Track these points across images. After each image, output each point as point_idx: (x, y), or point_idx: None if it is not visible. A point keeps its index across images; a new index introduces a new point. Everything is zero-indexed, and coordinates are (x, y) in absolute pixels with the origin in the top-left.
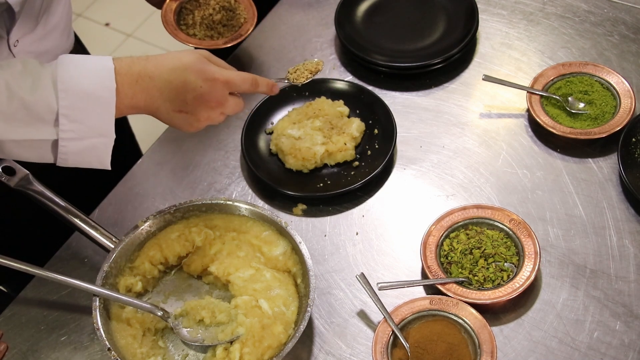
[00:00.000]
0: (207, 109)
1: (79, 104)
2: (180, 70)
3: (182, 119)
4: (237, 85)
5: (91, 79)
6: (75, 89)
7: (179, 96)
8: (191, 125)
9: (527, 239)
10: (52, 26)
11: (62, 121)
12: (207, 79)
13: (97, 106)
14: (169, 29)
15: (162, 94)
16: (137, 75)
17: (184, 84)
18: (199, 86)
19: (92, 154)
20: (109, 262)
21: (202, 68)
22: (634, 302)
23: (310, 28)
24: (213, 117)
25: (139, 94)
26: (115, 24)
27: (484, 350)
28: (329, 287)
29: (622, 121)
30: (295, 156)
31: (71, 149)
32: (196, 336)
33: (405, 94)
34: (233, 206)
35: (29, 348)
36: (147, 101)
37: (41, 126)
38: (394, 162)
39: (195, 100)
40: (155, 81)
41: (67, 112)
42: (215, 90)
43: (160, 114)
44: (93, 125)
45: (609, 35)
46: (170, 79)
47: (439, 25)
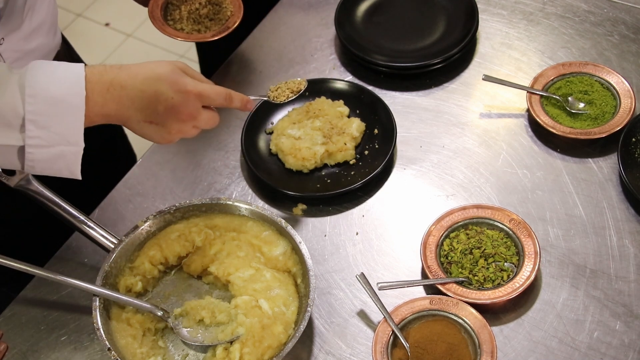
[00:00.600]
0: (179, 121)
1: (46, 109)
2: (153, 80)
3: (152, 130)
4: (211, 98)
5: (61, 85)
6: (43, 94)
7: (150, 106)
8: (162, 137)
9: (527, 239)
10: (38, 24)
11: (29, 127)
12: (180, 91)
13: (66, 113)
14: (157, 24)
15: (134, 104)
16: (109, 83)
17: (155, 94)
18: (170, 97)
19: (61, 162)
20: (109, 262)
21: (176, 79)
22: (634, 302)
23: (310, 28)
24: (185, 130)
25: (109, 103)
26: (115, 24)
27: (484, 350)
28: (329, 287)
29: (622, 121)
30: (295, 156)
31: (38, 156)
32: (196, 336)
33: (405, 94)
34: (233, 206)
35: (29, 348)
36: (118, 110)
37: (7, 131)
38: (394, 162)
39: (167, 111)
40: (126, 90)
41: (34, 118)
42: (187, 103)
43: (131, 123)
44: (61, 132)
45: (609, 35)
46: (142, 89)
47: (439, 25)
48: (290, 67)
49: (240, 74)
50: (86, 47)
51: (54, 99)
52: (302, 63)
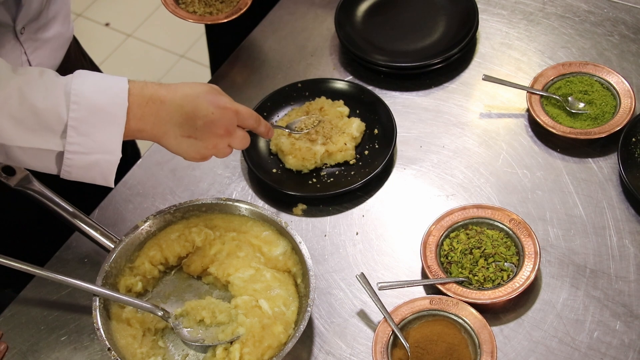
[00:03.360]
0: (216, 136)
1: (89, 117)
2: (192, 97)
3: (189, 145)
4: (245, 118)
5: (104, 95)
6: (87, 102)
7: (188, 121)
8: (197, 153)
9: (527, 239)
10: (54, 13)
11: (70, 133)
12: (219, 107)
13: (107, 122)
14: (169, 8)
15: (172, 118)
16: (149, 97)
17: (195, 110)
18: (210, 112)
19: (97, 170)
20: (109, 262)
21: (215, 97)
22: (634, 302)
23: (310, 28)
24: (220, 146)
25: (147, 116)
26: (115, 24)
27: (484, 350)
28: (329, 287)
29: (622, 121)
30: (295, 156)
31: (76, 162)
32: (196, 336)
33: (405, 94)
34: (233, 206)
35: (29, 348)
36: (155, 124)
37: (49, 136)
38: (394, 162)
39: (205, 126)
40: (166, 105)
41: (76, 125)
42: (226, 119)
43: (167, 138)
44: (101, 141)
45: (609, 35)
46: (182, 104)
47: (439, 25)
48: (290, 67)
49: (241, 74)
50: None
51: (97, 108)
52: (302, 63)
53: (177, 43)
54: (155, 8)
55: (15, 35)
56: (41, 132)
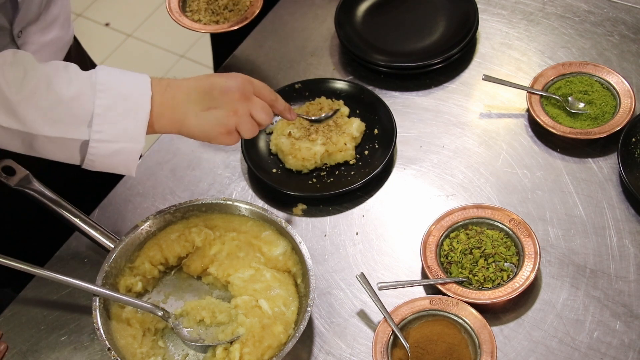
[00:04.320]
0: (234, 100)
1: (115, 106)
2: (206, 77)
3: (211, 116)
4: (260, 87)
5: (129, 84)
6: (113, 91)
7: (206, 95)
8: (221, 124)
9: (527, 239)
10: (53, 17)
11: (97, 121)
12: (231, 77)
13: (132, 110)
14: (173, 16)
15: (190, 98)
16: (166, 84)
17: (209, 84)
18: (224, 81)
19: (120, 159)
20: (109, 262)
21: (226, 73)
22: (634, 302)
23: (310, 28)
24: (241, 112)
25: (166, 102)
26: (115, 24)
27: (484, 350)
28: (329, 287)
29: (622, 121)
30: (295, 156)
31: (100, 150)
32: (196, 336)
33: (405, 94)
34: (233, 206)
35: (29, 348)
36: (174, 108)
37: (76, 124)
38: (394, 162)
39: (222, 93)
40: (182, 88)
41: (102, 112)
42: (240, 84)
43: (188, 118)
44: (126, 129)
45: (609, 35)
46: (197, 84)
47: (439, 25)
48: (290, 67)
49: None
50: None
51: (123, 96)
52: (302, 63)
53: (177, 43)
54: (155, 8)
55: (13, 38)
56: (68, 121)
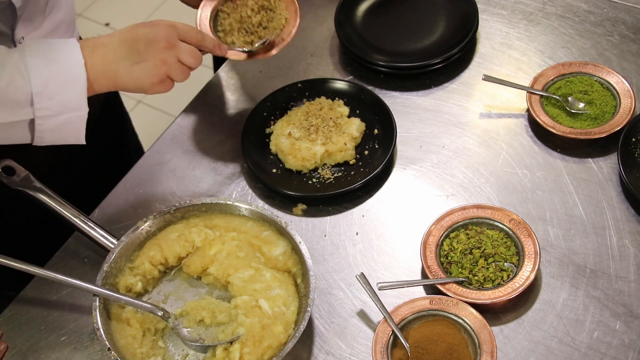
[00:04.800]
0: (160, 50)
1: (51, 81)
2: (129, 29)
3: (141, 70)
4: (185, 31)
5: (60, 59)
6: (46, 67)
7: (132, 49)
8: (152, 75)
9: (527, 239)
10: (58, 23)
11: (37, 99)
12: (153, 25)
13: (69, 80)
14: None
15: (116, 54)
16: (92, 46)
17: (133, 37)
18: (147, 32)
19: (68, 129)
20: (109, 262)
21: (150, 22)
22: (634, 302)
23: (310, 28)
24: (170, 61)
25: (96, 64)
26: (115, 24)
27: (484, 350)
28: (329, 287)
29: (622, 121)
30: (295, 156)
31: (47, 126)
32: (196, 336)
33: (405, 94)
34: (233, 206)
35: (29, 348)
36: (105, 68)
37: (17, 108)
38: (394, 162)
39: (147, 45)
40: (108, 47)
41: (40, 91)
42: (162, 32)
43: (120, 76)
44: (66, 100)
45: (609, 35)
46: (121, 39)
47: (439, 25)
48: (290, 67)
49: (240, 73)
50: None
51: (57, 70)
52: (302, 63)
53: None
54: (156, 8)
55: (14, 44)
56: (10, 106)
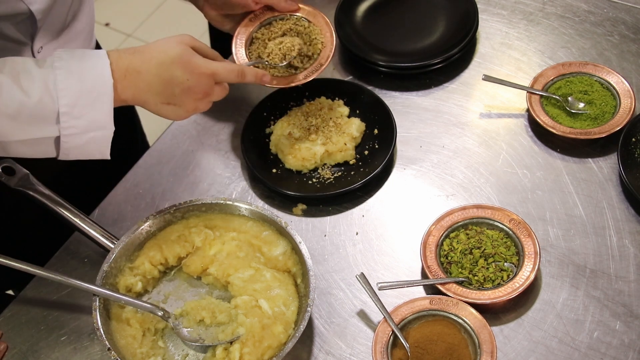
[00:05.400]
0: (194, 100)
1: (79, 101)
2: (167, 64)
3: (170, 110)
4: (223, 76)
5: (89, 77)
6: (74, 88)
7: (166, 90)
8: (179, 116)
9: (527, 239)
10: (76, 33)
11: (64, 118)
12: (193, 72)
13: (96, 101)
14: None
15: (151, 88)
16: (125, 70)
17: (171, 78)
18: (185, 79)
19: (93, 147)
20: (109, 262)
21: (188, 61)
22: (634, 302)
23: None
24: (200, 107)
25: (127, 89)
26: (115, 24)
27: (484, 350)
28: (329, 287)
29: (622, 121)
30: (295, 156)
31: (73, 143)
32: (196, 336)
33: (405, 94)
34: (233, 206)
35: (29, 348)
36: (135, 94)
37: (44, 126)
38: (394, 162)
39: (183, 93)
40: (142, 75)
41: (68, 111)
42: (201, 83)
43: (148, 105)
44: (93, 119)
45: (609, 35)
46: (158, 73)
47: (439, 25)
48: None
49: None
50: None
51: (85, 90)
52: None
53: None
54: (156, 8)
55: (32, 54)
56: (36, 124)
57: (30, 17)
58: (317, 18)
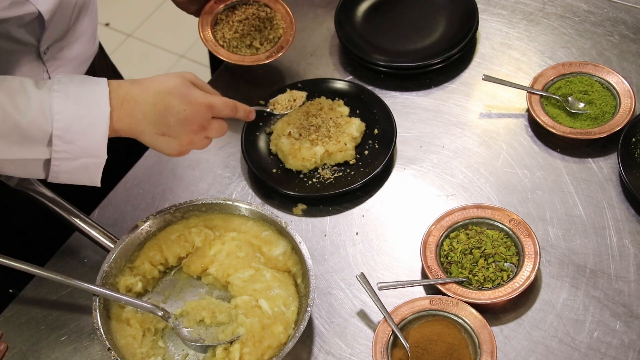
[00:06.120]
0: (190, 132)
1: (73, 126)
2: (164, 94)
3: (165, 143)
4: (219, 109)
5: (86, 103)
6: (70, 112)
7: (162, 119)
8: (173, 149)
9: (527, 239)
10: (81, 33)
11: (56, 142)
12: (190, 103)
13: (91, 128)
14: (209, 45)
15: (146, 117)
16: (123, 98)
17: (166, 108)
18: (182, 110)
19: (83, 173)
20: (109, 262)
21: (186, 92)
22: (634, 302)
23: (310, 28)
24: (196, 141)
25: (123, 117)
26: (115, 24)
27: (484, 350)
28: (329, 287)
29: (622, 121)
30: (295, 156)
31: (63, 168)
32: (196, 336)
33: (405, 94)
34: (233, 206)
35: (29, 348)
36: (131, 124)
37: (35, 147)
38: (394, 162)
39: (178, 123)
40: (139, 104)
41: (61, 134)
42: (198, 114)
43: (143, 136)
44: (86, 146)
45: (609, 35)
46: (154, 102)
47: (439, 25)
48: (290, 67)
49: (240, 74)
50: None
51: (80, 116)
52: (302, 63)
53: (177, 43)
54: (156, 8)
55: (39, 55)
56: (27, 144)
57: (38, 18)
58: (277, 5)
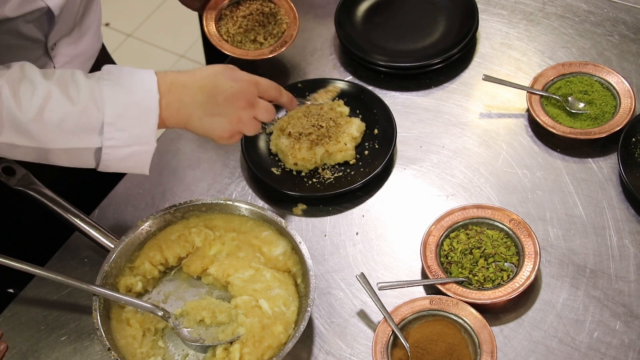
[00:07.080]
0: (238, 108)
1: (124, 113)
2: (211, 76)
3: (215, 123)
4: (265, 88)
5: (137, 89)
6: (121, 99)
7: (210, 99)
8: (224, 130)
9: (527, 239)
10: (86, 28)
11: (107, 129)
12: (237, 79)
13: (142, 115)
14: (213, 40)
15: (195, 100)
16: (170, 84)
17: (214, 87)
18: (229, 86)
19: (133, 161)
20: (109, 262)
21: (232, 71)
22: (634, 302)
23: (310, 28)
24: (245, 119)
25: (172, 103)
26: (115, 24)
27: (484, 350)
28: (329, 287)
29: (622, 121)
30: (295, 156)
31: (114, 156)
32: (196, 336)
33: (405, 94)
34: (233, 206)
35: (29, 348)
36: (180, 109)
37: (87, 135)
38: (394, 162)
39: (227, 100)
40: (187, 88)
41: (112, 121)
42: (245, 90)
43: (192, 121)
44: (136, 133)
45: (609, 35)
46: (202, 84)
47: (439, 25)
48: (290, 67)
49: None
50: None
51: (131, 103)
52: (302, 63)
53: (177, 43)
54: (156, 8)
55: (46, 50)
56: (79, 132)
57: (47, 14)
58: (280, 1)
